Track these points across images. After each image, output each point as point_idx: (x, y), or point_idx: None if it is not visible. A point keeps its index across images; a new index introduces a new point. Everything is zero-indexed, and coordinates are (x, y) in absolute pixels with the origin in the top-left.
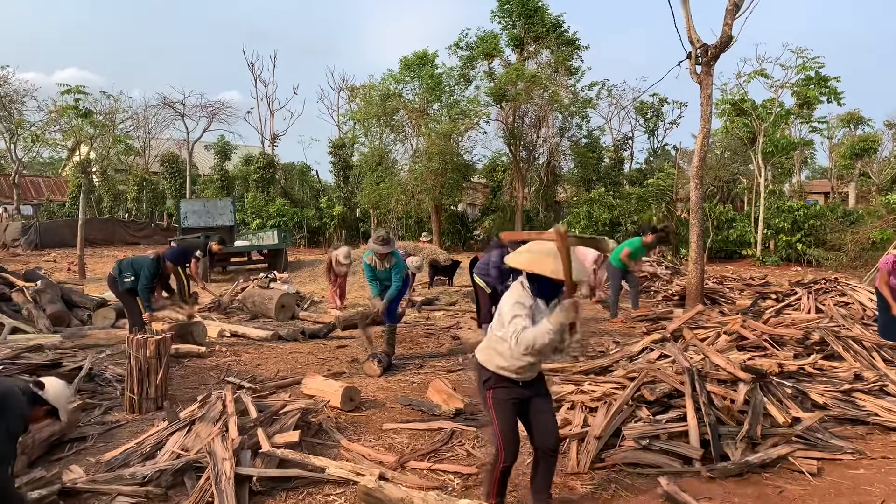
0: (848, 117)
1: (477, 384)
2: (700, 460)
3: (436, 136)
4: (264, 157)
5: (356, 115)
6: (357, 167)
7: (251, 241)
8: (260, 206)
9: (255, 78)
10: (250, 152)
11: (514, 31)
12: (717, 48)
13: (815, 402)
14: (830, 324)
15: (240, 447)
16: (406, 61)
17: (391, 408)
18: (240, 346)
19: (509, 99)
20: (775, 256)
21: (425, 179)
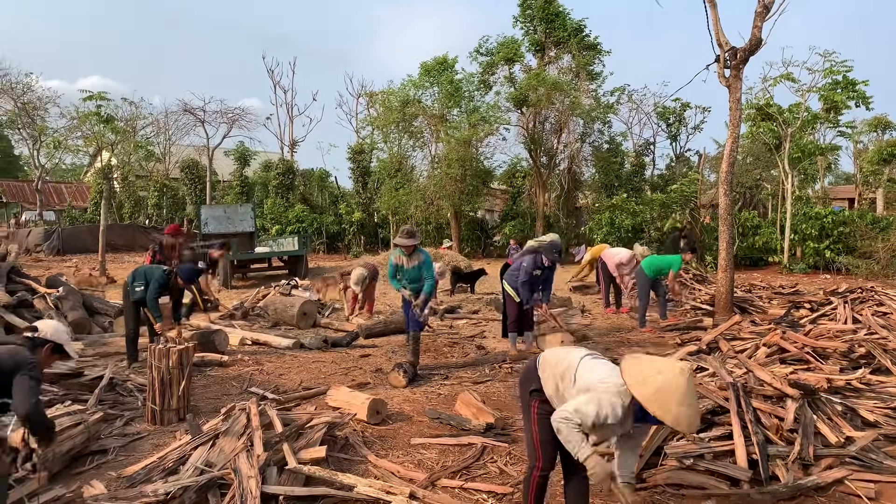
0: (876, 122)
1: (524, 386)
2: (748, 482)
3: (455, 142)
4: (284, 164)
5: (375, 120)
6: (376, 173)
7: (271, 248)
8: (279, 212)
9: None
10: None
11: (535, 35)
12: (747, 51)
13: (865, 419)
14: (873, 335)
15: (265, 463)
16: (426, 67)
17: (419, 421)
18: (262, 354)
19: (530, 104)
20: (803, 264)
21: (444, 185)
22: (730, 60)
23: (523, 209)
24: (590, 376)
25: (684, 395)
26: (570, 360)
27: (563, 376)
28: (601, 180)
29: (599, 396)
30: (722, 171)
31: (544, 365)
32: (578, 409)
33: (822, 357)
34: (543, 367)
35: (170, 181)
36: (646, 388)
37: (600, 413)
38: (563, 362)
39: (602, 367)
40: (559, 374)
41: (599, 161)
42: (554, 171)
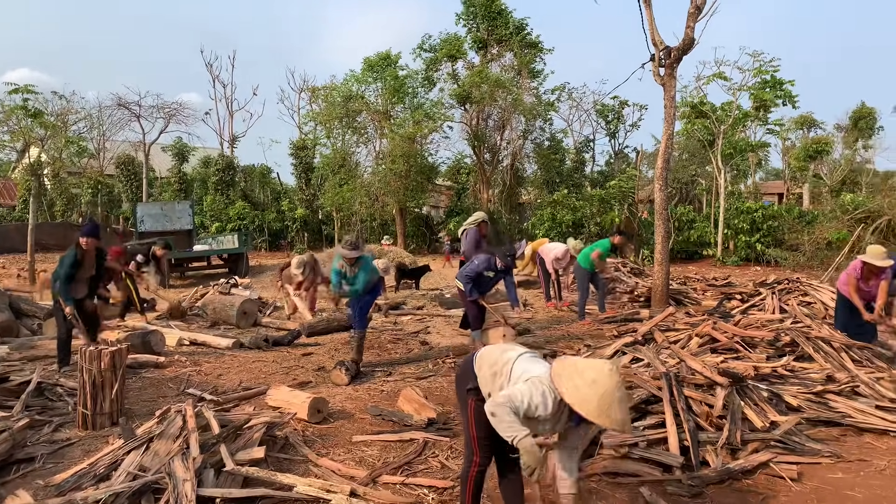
0: (802, 120)
1: (461, 384)
2: (680, 468)
3: (399, 138)
4: (223, 160)
5: (318, 116)
6: (319, 169)
7: (210, 246)
8: (219, 209)
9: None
10: (209, 154)
11: (478, 33)
12: (680, 50)
13: (789, 404)
14: (798, 324)
15: (202, 466)
16: (369, 62)
17: (361, 418)
18: (200, 355)
19: (473, 101)
20: (735, 257)
21: (389, 182)
22: (664, 59)
23: (468, 205)
24: (524, 373)
25: (621, 397)
26: (507, 357)
27: (499, 373)
28: (543, 176)
29: (531, 387)
30: (657, 168)
31: (481, 363)
32: (511, 395)
33: (751, 346)
34: (480, 366)
35: (104, 178)
36: (588, 404)
37: (532, 402)
38: (499, 360)
39: (537, 366)
40: (496, 372)
41: (541, 158)
42: (497, 168)
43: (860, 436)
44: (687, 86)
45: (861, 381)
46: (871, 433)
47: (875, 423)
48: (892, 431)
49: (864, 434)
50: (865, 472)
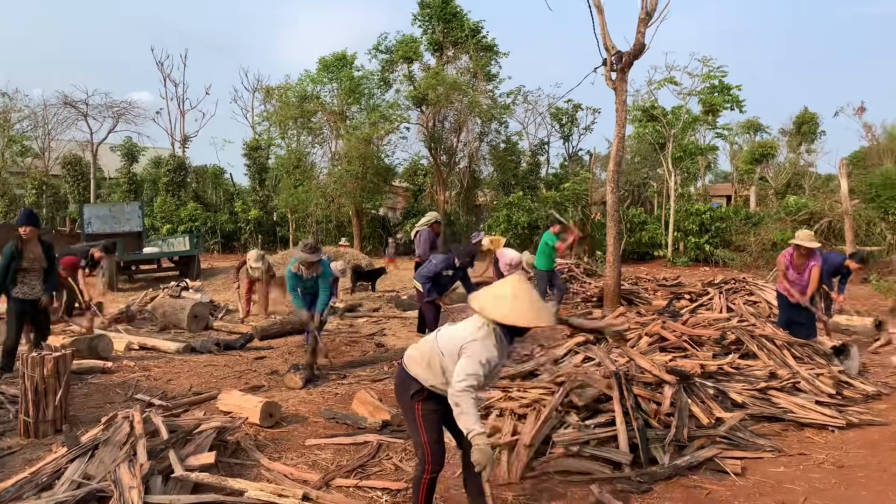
0: (748, 124)
1: (402, 394)
2: (629, 465)
3: (355, 139)
4: (175, 160)
5: (272, 116)
6: (274, 170)
7: (161, 248)
8: (170, 210)
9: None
10: (160, 154)
11: (433, 35)
12: (631, 55)
13: (734, 401)
14: (743, 323)
15: (149, 473)
16: (324, 62)
17: (314, 422)
18: (149, 359)
19: (430, 103)
20: (685, 257)
21: (345, 183)
22: (616, 64)
23: (425, 207)
24: (453, 341)
25: (538, 298)
26: (429, 342)
27: (431, 360)
28: (499, 178)
29: (477, 350)
30: (609, 171)
31: (410, 363)
32: (467, 371)
33: (698, 344)
34: (411, 367)
35: (49, 178)
36: (523, 314)
37: (486, 359)
38: (424, 350)
39: (457, 328)
40: (427, 362)
41: (497, 160)
42: (454, 169)
43: (801, 430)
44: (639, 90)
45: (802, 378)
46: (811, 428)
47: (815, 418)
48: (831, 426)
49: (804, 429)
50: (805, 465)
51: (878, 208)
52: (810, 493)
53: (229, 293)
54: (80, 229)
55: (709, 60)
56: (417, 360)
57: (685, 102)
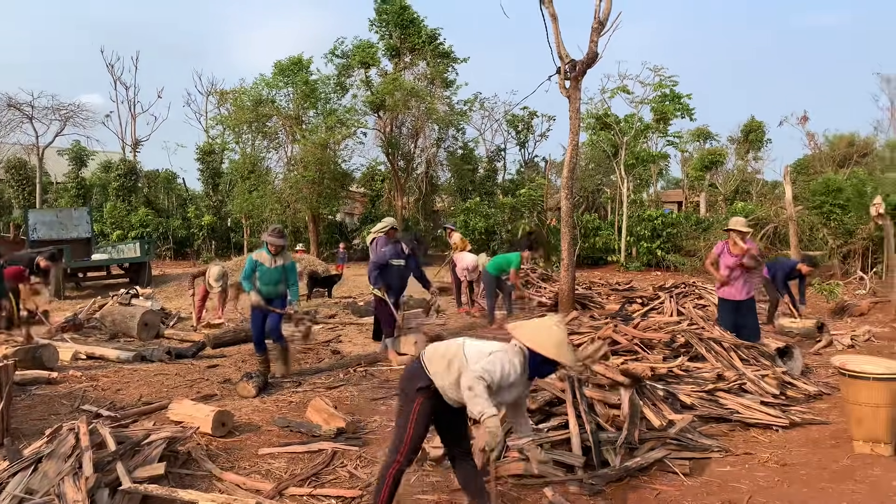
0: (698, 132)
1: (408, 383)
2: (582, 468)
3: (312, 144)
4: (125, 164)
5: (226, 120)
6: (228, 175)
7: (110, 255)
8: (121, 216)
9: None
10: (110, 159)
11: (390, 41)
12: (585, 64)
13: (683, 402)
14: (692, 326)
15: (95, 486)
16: (280, 66)
17: (268, 431)
18: (97, 369)
19: (387, 109)
20: (638, 262)
21: (301, 188)
22: (569, 72)
23: (382, 212)
24: (480, 351)
25: (570, 343)
26: (455, 345)
27: (453, 360)
28: (457, 184)
29: (501, 356)
30: (563, 177)
31: (431, 358)
32: (486, 367)
33: (649, 347)
34: (431, 360)
35: None
36: (549, 345)
37: (504, 370)
38: (449, 349)
39: (487, 343)
40: (450, 360)
41: (454, 166)
42: (412, 175)
43: (747, 430)
44: (592, 98)
45: (748, 379)
46: (756, 427)
47: (760, 418)
48: (775, 426)
49: (750, 429)
50: (750, 464)
51: (820, 214)
52: (755, 492)
53: (181, 300)
54: (24, 235)
55: (660, 70)
56: (440, 357)
57: (637, 111)
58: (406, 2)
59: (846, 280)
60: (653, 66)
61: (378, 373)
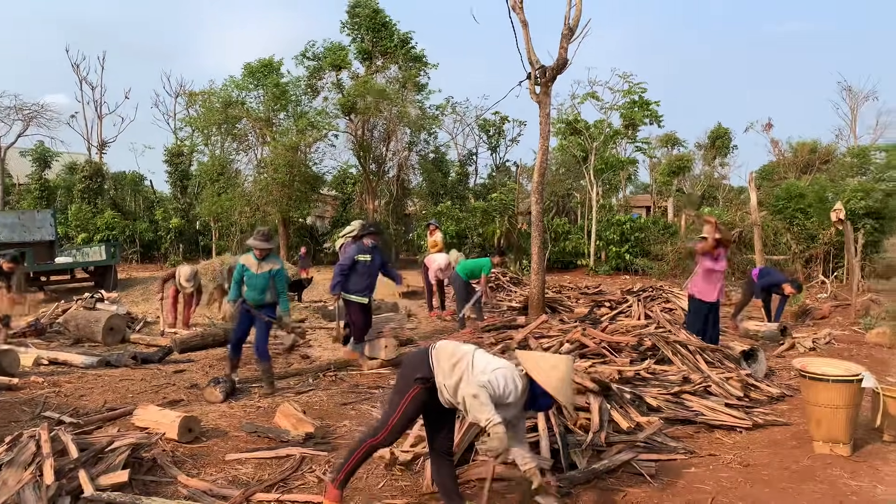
0: (666, 138)
1: (408, 370)
2: (550, 470)
3: (282, 146)
4: (91, 166)
5: (195, 121)
6: (196, 177)
7: (75, 258)
8: (86, 218)
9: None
10: (75, 160)
11: (362, 44)
12: (555, 70)
13: (650, 405)
14: (659, 329)
15: (56, 493)
16: (250, 68)
17: (235, 436)
18: (60, 374)
19: (358, 112)
20: (607, 266)
21: (271, 191)
22: (539, 78)
23: (354, 215)
24: (487, 363)
25: (571, 381)
26: (465, 350)
27: (459, 364)
28: (428, 188)
29: (505, 373)
30: (533, 182)
31: (439, 355)
32: (490, 380)
33: (617, 350)
34: (439, 358)
35: None
36: (551, 382)
37: (507, 386)
38: (458, 352)
39: (494, 358)
40: (455, 363)
41: (426, 170)
42: (383, 178)
43: (711, 432)
44: (563, 104)
45: (713, 381)
46: (720, 429)
47: (724, 420)
48: (739, 427)
49: (714, 430)
50: (714, 465)
51: (783, 219)
52: (718, 492)
53: (148, 304)
54: None
55: (629, 76)
56: (447, 355)
57: (607, 117)
58: (378, 5)
59: (808, 284)
60: (622, 73)
61: (348, 377)
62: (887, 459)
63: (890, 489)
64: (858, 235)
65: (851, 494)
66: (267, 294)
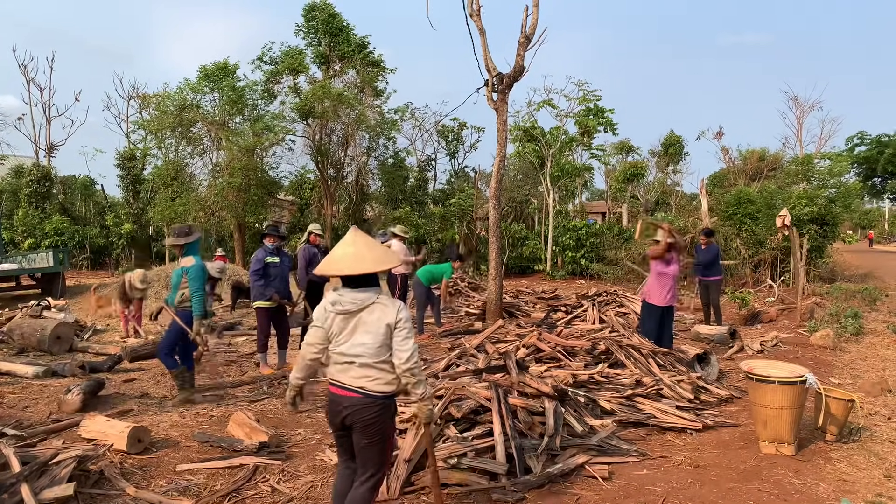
0: (620, 146)
1: (384, 418)
2: (505, 475)
3: (238, 150)
4: (39, 169)
5: (148, 124)
6: (149, 181)
7: (20, 264)
8: (33, 223)
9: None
10: (22, 163)
11: (319, 48)
12: (512, 77)
13: (603, 408)
14: (613, 333)
15: None
16: (205, 71)
17: (187, 446)
18: (3, 385)
19: (316, 116)
20: (563, 271)
21: (227, 196)
22: (497, 85)
23: (311, 220)
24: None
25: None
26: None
27: None
28: (387, 193)
29: (405, 315)
30: (491, 188)
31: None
32: (405, 345)
33: (572, 354)
34: (376, 385)
35: None
36: None
37: None
38: None
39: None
40: None
41: (385, 175)
42: (342, 183)
43: (663, 434)
44: (519, 111)
45: (664, 384)
46: (672, 431)
47: (675, 422)
48: (689, 429)
49: (666, 432)
50: (665, 467)
51: (733, 225)
52: (669, 493)
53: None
54: None
55: (584, 84)
56: (379, 377)
57: (562, 124)
58: (335, 10)
59: (757, 288)
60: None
61: None
62: (830, 458)
63: (832, 486)
64: (803, 241)
65: (795, 493)
66: (178, 293)
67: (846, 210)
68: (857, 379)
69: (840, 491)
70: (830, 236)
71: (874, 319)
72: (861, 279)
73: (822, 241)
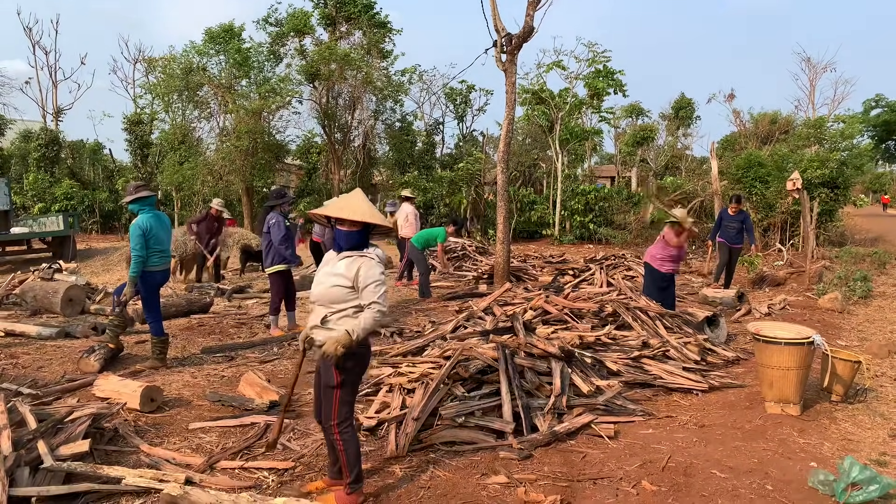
0: (631, 108)
1: None
2: (512, 433)
3: (245, 113)
4: (47, 134)
5: (155, 88)
6: (157, 146)
7: (31, 228)
8: (43, 188)
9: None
10: (30, 128)
11: (325, 9)
12: (521, 38)
13: (610, 369)
14: (620, 296)
15: (14, 464)
16: (211, 33)
17: (199, 405)
18: (17, 346)
19: (322, 78)
20: (571, 235)
21: (234, 159)
22: (505, 46)
23: (319, 185)
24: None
25: None
26: None
27: None
28: (395, 157)
29: (374, 267)
30: (499, 151)
31: None
32: (377, 289)
33: (579, 317)
34: None
35: None
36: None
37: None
38: None
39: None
40: None
41: (393, 139)
42: (349, 147)
43: (669, 395)
44: (528, 73)
45: (671, 346)
46: (678, 392)
47: (681, 383)
48: (695, 390)
49: (672, 393)
50: (671, 426)
51: (743, 188)
52: (674, 452)
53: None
54: None
55: (594, 45)
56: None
57: (572, 86)
58: None
59: (766, 252)
60: (587, 42)
61: None
62: (834, 418)
63: (836, 445)
64: (814, 204)
65: (800, 451)
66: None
67: (857, 172)
68: (865, 341)
69: (844, 450)
70: (842, 200)
71: (883, 283)
72: (871, 243)
73: (833, 204)
